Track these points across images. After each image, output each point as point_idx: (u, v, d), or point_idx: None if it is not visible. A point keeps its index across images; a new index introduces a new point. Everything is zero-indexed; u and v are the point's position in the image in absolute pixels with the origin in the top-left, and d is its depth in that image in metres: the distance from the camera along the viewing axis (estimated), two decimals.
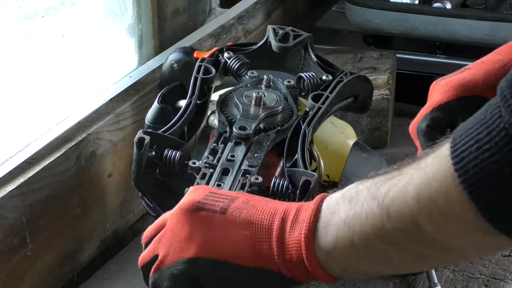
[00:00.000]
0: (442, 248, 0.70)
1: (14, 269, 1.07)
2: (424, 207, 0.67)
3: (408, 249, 0.71)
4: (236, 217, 0.80)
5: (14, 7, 1.11)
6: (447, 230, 0.67)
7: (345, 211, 0.74)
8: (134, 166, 1.06)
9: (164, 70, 1.28)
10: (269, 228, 0.79)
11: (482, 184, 0.62)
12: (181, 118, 1.10)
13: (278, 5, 1.78)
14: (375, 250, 0.73)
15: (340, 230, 0.74)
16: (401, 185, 0.69)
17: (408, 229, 0.69)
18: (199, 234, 0.80)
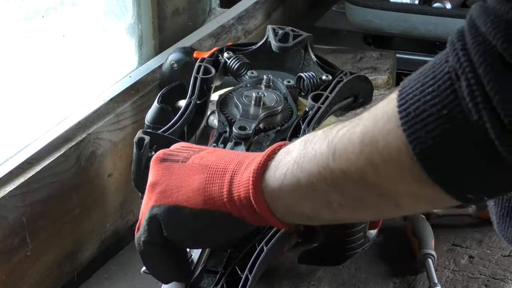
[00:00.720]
0: (380, 194, 0.68)
1: (14, 269, 1.07)
2: (366, 147, 0.66)
3: (348, 193, 0.70)
4: (196, 163, 0.82)
5: (14, 7, 1.11)
6: (384, 173, 0.66)
7: (298, 151, 0.73)
8: (134, 166, 1.06)
9: (164, 70, 1.28)
10: (224, 170, 0.80)
11: (421, 126, 0.61)
12: (181, 118, 1.10)
13: (278, 5, 1.78)
14: (317, 190, 0.72)
15: (290, 168, 0.73)
16: (351, 125, 0.68)
17: (351, 170, 0.68)
18: (160, 182, 0.83)
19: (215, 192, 0.79)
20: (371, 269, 1.18)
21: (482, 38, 0.59)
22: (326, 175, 0.70)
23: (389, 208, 0.72)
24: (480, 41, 0.59)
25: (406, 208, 0.71)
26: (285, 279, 1.15)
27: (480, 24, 0.60)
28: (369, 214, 0.78)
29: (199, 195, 0.80)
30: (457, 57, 0.60)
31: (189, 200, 0.81)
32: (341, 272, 1.17)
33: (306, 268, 1.15)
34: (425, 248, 1.17)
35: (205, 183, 0.80)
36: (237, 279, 0.92)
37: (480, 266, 1.18)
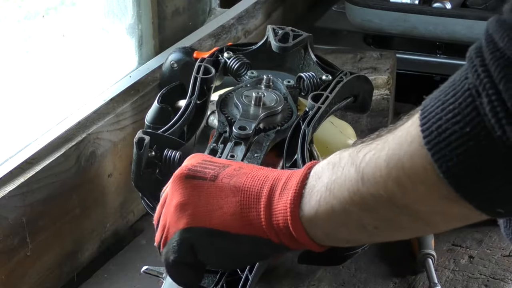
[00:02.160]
0: (411, 215, 0.69)
1: (14, 269, 1.07)
2: (393, 170, 0.66)
3: (381, 216, 0.71)
4: (226, 183, 0.81)
5: (14, 7, 1.11)
6: (413, 194, 0.66)
7: (328, 176, 0.74)
8: (134, 166, 1.06)
9: (164, 70, 1.28)
10: (258, 194, 0.79)
11: (444, 144, 0.62)
12: (181, 118, 1.10)
13: (278, 5, 1.78)
14: (351, 215, 0.72)
15: (322, 195, 0.74)
16: (377, 149, 0.69)
17: (380, 193, 0.68)
18: (190, 202, 0.81)
19: (253, 218, 0.79)
20: (371, 269, 1.18)
21: (500, 53, 0.59)
22: (357, 200, 0.71)
23: (422, 228, 0.74)
24: (498, 56, 0.59)
25: (437, 226, 0.72)
26: (285, 279, 1.15)
27: (497, 39, 0.60)
28: (404, 235, 0.79)
29: (235, 219, 0.79)
30: (477, 73, 0.60)
31: (225, 224, 0.79)
32: (341, 272, 1.17)
33: (306, 268, 1.16)
34: (425, 248, 1.17)
35: (241, 208, 0.79)
36: (237, 279, 0.92)
37: (480, 266, 1.18)
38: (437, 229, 0.76)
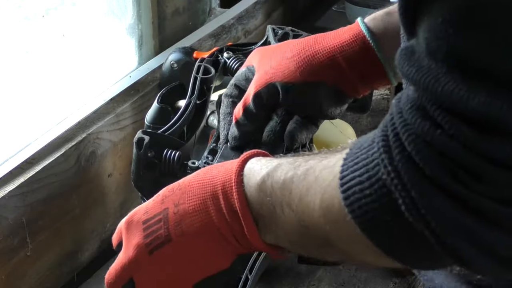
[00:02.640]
0: (358, 258, 0.73)
1: (14, 269, 1.07)
2: (332, 229, 0.69)
3: (330, 252, 0.74)
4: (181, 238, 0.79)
5: (14, 7, 1.11)
6: (354, 249, 0.69)
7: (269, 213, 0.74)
8: (134, 166, 1.06)
9: (164, 70, 1.28)
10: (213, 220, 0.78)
11: (370, 225, 0.64)
12: (180, 118, 1.10)
13: (278, 5, 1.78)
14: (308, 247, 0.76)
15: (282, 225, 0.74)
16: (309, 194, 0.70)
17: (319, 237, 0.71)
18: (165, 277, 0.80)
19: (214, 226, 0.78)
20: (371, 269, 1.18)
21: (408, 155, 0.60)
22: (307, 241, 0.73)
23: (370, 264, 0.76)
24: (406, 158, 0.60)
25: (386, 265, 0.79)
26: (285, 279, 1.15)
27: (403, 139, 0.60)
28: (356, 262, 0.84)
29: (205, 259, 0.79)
30: (387, 170, 0.61)
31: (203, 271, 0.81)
32: (341, 272, 1.17)
33: (306, 268, 1.16)
34: None
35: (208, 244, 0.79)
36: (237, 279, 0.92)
37: None
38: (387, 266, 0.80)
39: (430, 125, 0.58)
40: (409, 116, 0.60)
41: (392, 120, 0.62)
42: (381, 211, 0.63)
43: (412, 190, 0.60)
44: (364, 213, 0.64)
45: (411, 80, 0.60)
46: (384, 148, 0.62)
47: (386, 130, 0.63)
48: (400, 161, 0.60)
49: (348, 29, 0.99)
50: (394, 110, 0.62)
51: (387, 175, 0.61)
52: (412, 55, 0.60)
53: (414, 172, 0.60)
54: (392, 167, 0.61)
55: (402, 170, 0.60)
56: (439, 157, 0.58)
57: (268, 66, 1.00)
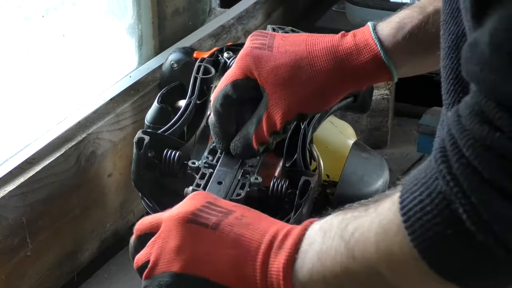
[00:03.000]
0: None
1: (14, 269, 1.07)
2: (382, 256, 0.69)
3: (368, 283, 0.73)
4: (226, 234, 0.80)
5: (14, 7, 1.11)
6: (405, 279, 0.68)
7: (319, 245, 0.75)
8: (134, 166, 1.06)
9: (164, 70, 1.28)
10: (256, 251, 0.79)
11: (430, 244, 0.64)
12: (180, 118, 1.10)
13: (278, 5, 1.78)
14: (344, 287, 0.74)
15: (314, 264, 0.75)
16: (364, 228, 0.70)
17: (371, 273, 0.70)
18: (187, 248, 0.80)
19: (249, 273, 0.79)
20: None
21: (467, 161, 0.60)
22: (349, 275, 0.73)
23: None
24: (465, 165, 0.60)
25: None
26: None
27: (461, 145, 0.61)
28: None
29: (230, 272, 0.79)
30: (446, 180, 0.62)
31: (219, 276, 0.79)
32: None
33: None
34: None
35: (237, 261, 0.79)
36: None
37: None
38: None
39: (490, 129, 0.58)
40: (467, 122, 0.60)
41: (450, 131, 0.62)
42: (442, 225, 0.62)
43: (472, 195, 0.60)
44: (425, 231, 0.63)
45: (475, 80, 0.60)
46: (442, 158, 0.62)
47: (443, 143, 0.63)
48: (458, 168, 0.60)
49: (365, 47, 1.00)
50: (451, 121, 0.62)
51: (446, 185, 0.61)
52: (475, 48, 0.60)
53: (473, 177, 0.59)
54: (451, 176, 0.61)
55: (461, 177, 0.60)
56: (499, 160, 0.58)
57: (291, 97, 0.99)
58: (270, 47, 1.00)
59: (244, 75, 1.00)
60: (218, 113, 1.01)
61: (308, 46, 1.00)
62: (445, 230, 0.62)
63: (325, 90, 0.99)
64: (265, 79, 0.99)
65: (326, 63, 0.99)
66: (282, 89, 0.99)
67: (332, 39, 1.01)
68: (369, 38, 0.99)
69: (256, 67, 0.99)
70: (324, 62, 0.99)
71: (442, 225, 0.62)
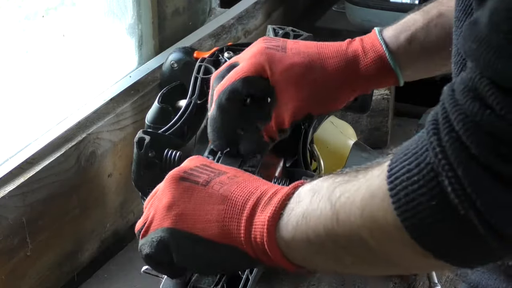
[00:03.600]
0: (387, 261, 0.72)
1: (14, 269, 1.07)
2: (366, 222, 0.69)
3: (356, 255, 0.73)
4: (216, 190, 0.82)
5: (14, 7, 1.10)
6: (388, 247, 0.69)
7: (306, 204, 0.76)
8: (134, 166, 1.06)
9: (164, 70, 1.28)
10: (242, 206, 0.80)
11: (412, 214, 0.64)
12: (181, 118, 1.10)
13: (278, 5, 1.78)
14: (327, 249, 0.74)
15: (299, 221, 0.76)
16: (351, 192, 0.71)
17: (354, 238, 0.71)
18: (179, 203, 0.83)
19: (233, 228, 0.80)
20: None
21: (456, 135, 0.61)
22: (332, 237, 0.73)
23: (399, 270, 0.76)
24: (454, 139, 0.61)
25: (412, 270, 0.76)
26: (285, 279, 1.15)
27: (452, 119, 0.61)
28: (382, 272, 0.83)
29: (216, 227, 0.81)
30: (435, 152, 0.63)
31: (206, 231, 0.81)
32: None
33: None
34: None
35: (224, 216, 0.80)
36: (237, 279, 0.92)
37: None
38: (412, 271, 0.80)
39: (480, 106, 0.59)
40: (460, 97, 0.61)
41: (443, 104, 0.63)
42: (427, 196, 0.63)
43: (458, 169, 0.60)
44: (410, 201, 0.64)
45: (471, 57, 0.61)
46: (434, 131, 0.63)
47: (436, 116, 0.63)
48: (448, 141, 0.61)
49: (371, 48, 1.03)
50: (446, 95, 0.63)
51: (435, 157, 0.62)
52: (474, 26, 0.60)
53: (461, 152, 0.60)
54: (440, 148, 0.62)
55: (450, 150, 0.61)
56: (487, 137, 0.59)
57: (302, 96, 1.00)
58: (284, 49, 1.02)
59: (256, 72, 1.00)
60: (223, 107, 1.01)
61: (319, 49, 1.03)
62: (429, 201, 0.63)
63: (335, 91, 1.01)
64: (277, 78, 1.00)
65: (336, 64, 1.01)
66: (293, 88, 1.00)
67: (341, 44, 1.04)
68: (375, 40, 1.01)
69: (269, 66, 1.00)
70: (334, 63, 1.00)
71: (427, 196, 0.63)
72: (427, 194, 0.63)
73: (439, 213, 0.63)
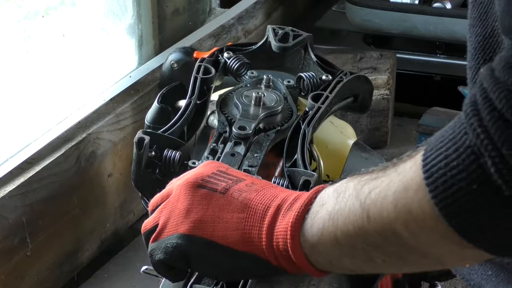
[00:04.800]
0: (422, 255, 0.69)
1: (14, 269, 1.07)
2: (400, 214, 0.67)
3: (389, 252, 0.71)
4: (235, 198, 0.81)
5: (14, 7, 1.11)
6: (423, 239, 0.67)
7: (332, 205, 0.74)
8: (134, 166, 1.06)
9: (164, 70, 1.28)
10: (263, 214, 0.79)
11: (452, 200, 0.62)
12: (181, 118, 1.10)
13: (278, 5, 1.78)
14: (357, 248, 0.72)
15: (325, 223, 0.74)
16: (382, 187, 0.69)
17: (386, 233, 0.69)
18: (196, 211, 0.80)
19: (254, 236, 0.78)
20: None
21: (499, 114, 0.59)
22: (363, 236, 0.71)
23: (433, 264, 0.74)
24: (497, 117, 0.59)
25: (450, 264, 0.74)
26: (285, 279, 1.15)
27: (494, 98, 0.59)
28: (414, 269, 0.80)
29: (237, 235, 0.79)
30: (476, 133, 0.60)
31: (226, 238, 0.79)
32: None
33: None
34: None
35: (244, 224, 0.79)
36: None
37: None
38: (450, 265, 0.77)
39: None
40: (501, 75, 0.59)
41: (482, 85, 0.60)
42: (468, 180, 0.60)
43: (503, 147, 0.58)
44: (448, 187, 0.61)
45: (511, 33, 0.58)
46: (474, 112, 0.60)
47: (474, 98, 0.61)
48: (490, 120, 0.59)
49: None
50: (484, 75, 0.61)
51: (476, 138, 0.59)
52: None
53: (505, 129, 0.58)
54: (482, 128, 0.59)
55: (493, 129, 0.58)
56: None
57: None
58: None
59: None
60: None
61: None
62: (470, 185, 0.60)
63: None
64: None
65: None
66: None
67: None
68: None
69: None
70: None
71: (468, 180, 0.60)
72: (467, 178, 0.60)
73: (480, 196, 0.60)
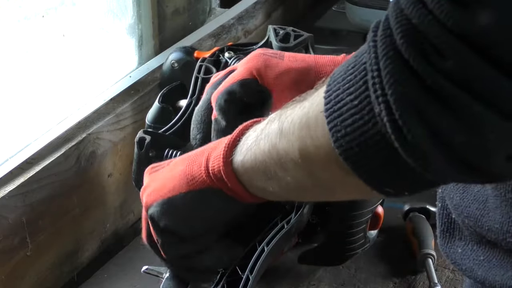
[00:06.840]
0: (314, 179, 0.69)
1: (14, 269, 1.07)
2: (302, 130, 0.67)
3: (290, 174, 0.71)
4: (178, 160, 0.87)
5: (14, 7, 1.10)
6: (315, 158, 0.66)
7: (261, 128, 0.76)
8: (135, 166, 1.06)
9: (164, 69, 1.28)
10: (202, 151, 0.83)
11: (337, 114, 0.61)
12: (181, 118, 1.10)
13: (278, 5, 1.78)
14: (269, 168, 0.73)
15: (251, 144, 0.76)
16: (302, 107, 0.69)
17: (289, 151, 0.69)
18: (148, 186, 0.87)
19: (196, 171, 0.82)
20: (371, 269, 1.18)
21: (390, 32, 0.58)
22: (273, 154, 0.72)
23: (324, 194, 0.75)
24: (387, 34, 0.58)
25: (340, 194, 0.73)
26: (285, 279, 1.15)
27: (392, 25, 0.58)
28: (311, 197, 0.84)
29: (181, 180, 0.83)
30: (368, 47, 0.59)
31: (175, 189, 0.84)
32: (341, 272, 1.17)
33: (306, 268, 1.15)
34: (425, 248, 1.17)
35: (186, 168, 0.84)
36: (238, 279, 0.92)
37: None
38: (339, 197, 0.80)
39: (422, 9, 0.55)
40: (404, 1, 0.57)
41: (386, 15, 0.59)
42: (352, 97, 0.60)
43: (381, 61, 0.57)
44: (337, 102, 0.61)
45: None
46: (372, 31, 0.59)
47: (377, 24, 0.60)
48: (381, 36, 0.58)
49: None
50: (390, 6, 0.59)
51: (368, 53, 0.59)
52: None
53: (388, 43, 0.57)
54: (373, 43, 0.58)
55: (380, 43, 0.58)
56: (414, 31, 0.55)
57: None
58: (281, 56, 1.03)
59: (252, 75, 1.01)
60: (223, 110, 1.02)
61: (316, 58, 1.03)
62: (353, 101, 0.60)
63: None
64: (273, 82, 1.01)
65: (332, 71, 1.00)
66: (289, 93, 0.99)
67: (337, 56, 1.04)
68: None
69: (265, 69, 1.01)
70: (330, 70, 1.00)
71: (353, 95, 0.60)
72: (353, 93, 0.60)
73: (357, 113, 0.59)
